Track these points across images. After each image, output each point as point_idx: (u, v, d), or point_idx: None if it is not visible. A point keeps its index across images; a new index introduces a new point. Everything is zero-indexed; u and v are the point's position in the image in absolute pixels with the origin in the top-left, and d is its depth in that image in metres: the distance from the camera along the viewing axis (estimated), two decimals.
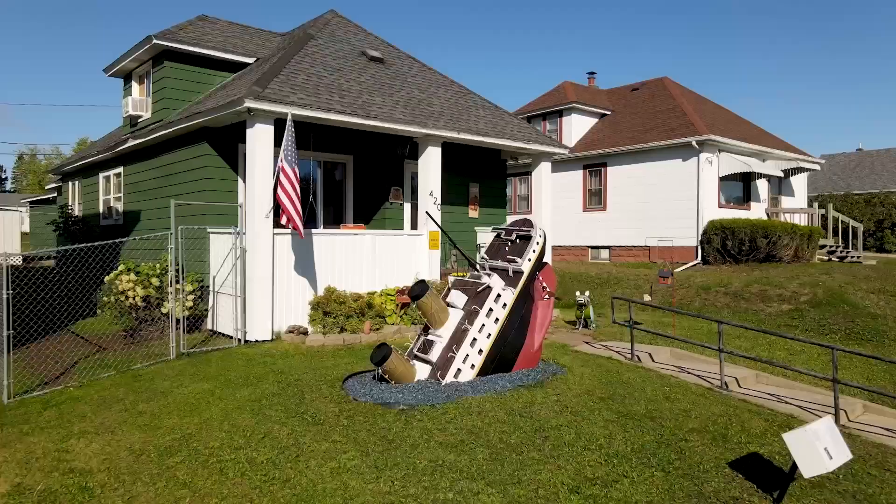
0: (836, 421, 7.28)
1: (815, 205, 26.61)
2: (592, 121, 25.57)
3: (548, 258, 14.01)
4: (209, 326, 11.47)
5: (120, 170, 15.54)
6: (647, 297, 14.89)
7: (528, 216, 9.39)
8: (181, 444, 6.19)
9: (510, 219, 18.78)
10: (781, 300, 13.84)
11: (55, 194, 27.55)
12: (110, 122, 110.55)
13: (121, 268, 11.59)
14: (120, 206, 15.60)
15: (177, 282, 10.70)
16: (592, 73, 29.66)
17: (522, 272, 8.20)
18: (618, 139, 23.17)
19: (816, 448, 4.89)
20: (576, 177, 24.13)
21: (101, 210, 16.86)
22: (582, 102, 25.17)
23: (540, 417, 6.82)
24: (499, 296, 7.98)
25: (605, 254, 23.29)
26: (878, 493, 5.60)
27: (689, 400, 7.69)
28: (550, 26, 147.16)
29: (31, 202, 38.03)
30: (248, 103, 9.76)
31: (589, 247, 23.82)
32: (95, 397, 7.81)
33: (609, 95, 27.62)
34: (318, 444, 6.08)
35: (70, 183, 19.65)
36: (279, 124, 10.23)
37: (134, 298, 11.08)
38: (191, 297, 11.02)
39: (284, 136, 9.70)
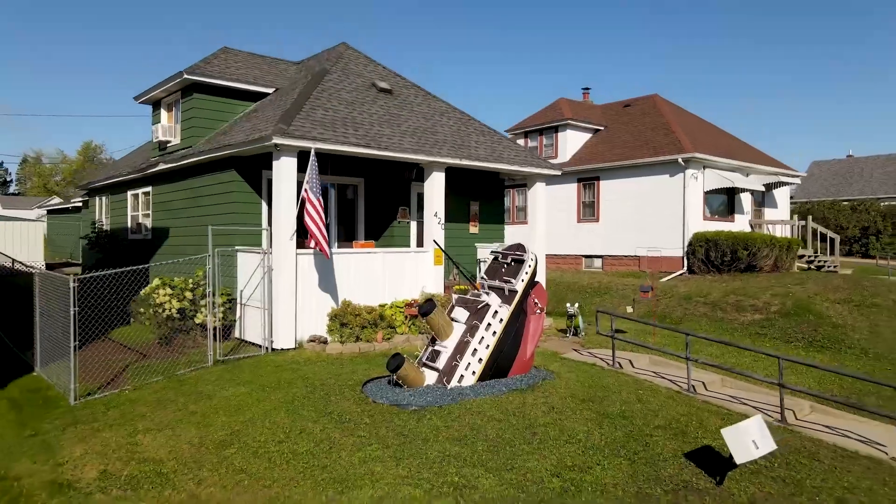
0: (783, 420, 8.51)
1: (796, 217, 27.75)
2: (586, 136, 26.81)
3: (541, 271, 15.26)
4: (237, 335, 12.69)
5: (149, 189, 16.77)
6: (629, 309, 16.11)
7: (521, 242, 10.57)
8: (232, 438, 7.43)
9: (508, 229, 20.03)
10: (754, 310, 15.08)
11: (78, 203, 28.83)
12: (116, 127, 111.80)
13: (156, 282, 12.84)
14: (148, 223, 16.83)
15: (215, 297, 11.97)
16: (587, 88, 30.98)
17: (517, 291, 9.43)
18: (610, 154, 24.41)
19: (746, 441, 6.12)
20: (571, 189, 25.36)
21: (129, 225, 18.09)
22: (576, 119, 26.41)
23: (530, 416, 8.05)
24: (496, 312, 9.22)
25: (598, 262, 24.53)
26: (805, 479, 6.82)
27: (658, 402, 8.92)
28: (548, 41, 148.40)
29: (49, 210, 39.31)
30: (276, 140, 10.99)
31: (583, 256, 25.06)
32: (150, 399, 9.04)
33: (603, 111, 28.87)
34: (346, 438, 7.31)
35: (98, 198, 20.90)
36: (301, 155, 11.47)
37: (170, 310, 12.31)
38: (222, 309, 12.25)
39: (308, 169, 10.94)
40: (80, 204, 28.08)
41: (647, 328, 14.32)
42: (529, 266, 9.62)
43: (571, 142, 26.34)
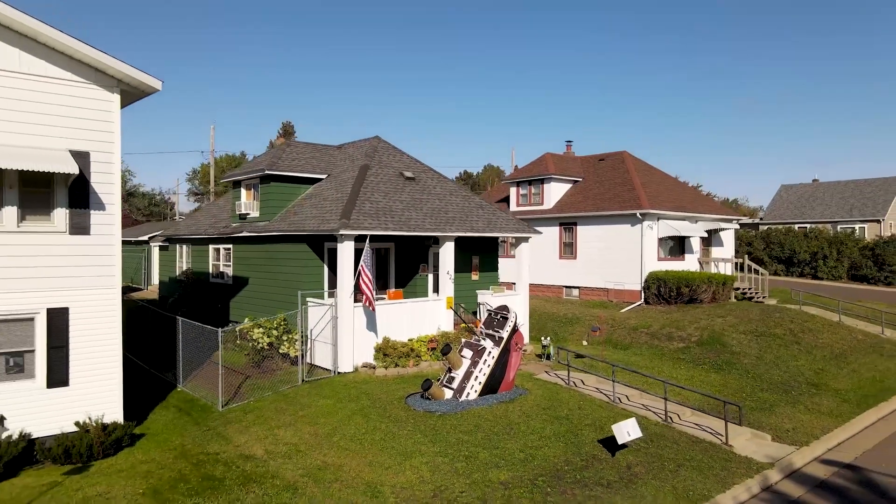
0: (667, 420, 13.34)
1: (733, 255, 32.29)
2: (567, 186, 31.68)
3: (525, 306, 20.05)
4: (308, 361, 17.51)
5: (230, 246, 21.66)
6: (584, 343, 20.92)
7: (507, 303, 15.41)
8: (333, 431, 12.26)
9: (501, 262, 24.78)
10: (680, 340, 19.93)
11: (143, 238, 33.78)
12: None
13: (248, 322, 17.72)
14: (229, 271, 21.71)
15: (288, 332, 16.86)
16: (570, 141, 35.96)
17: (503, 338, 14.29)
18: (585, 204, 29.29)
19: (623, 431, 10.96)
20: (554, 231, 30.20)
21: (210, 270, 22.97)
22: (558, 173, 31.31)
23: (509, 418, 12.89)
24: (490, 352, 14.08)
25: (576, 292, 29.37)
26: (663, 453, 11.65)
27: (591, 408, 13.77)
28: (535, 97, 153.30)
29: (159, 246, 43.88)
30: (341, 231, 15.86)
31: (564, 286, 29.90)
32: (270, 407, 13.87)
33: (582, 163, 33.76)
34: (400, 430, 12.15)
35: (178, 245, 25.80)
36: (357, 237, 16.34)
37: (262, 343, 17.17)
38: (298, 343, 17.09)
39: (364, 251, 15.79)
40: (146, 239, 33.05)
41: (598, 353, 19.16)
42: (511, 321, 14.48)
43: (555, 191, 31.21)
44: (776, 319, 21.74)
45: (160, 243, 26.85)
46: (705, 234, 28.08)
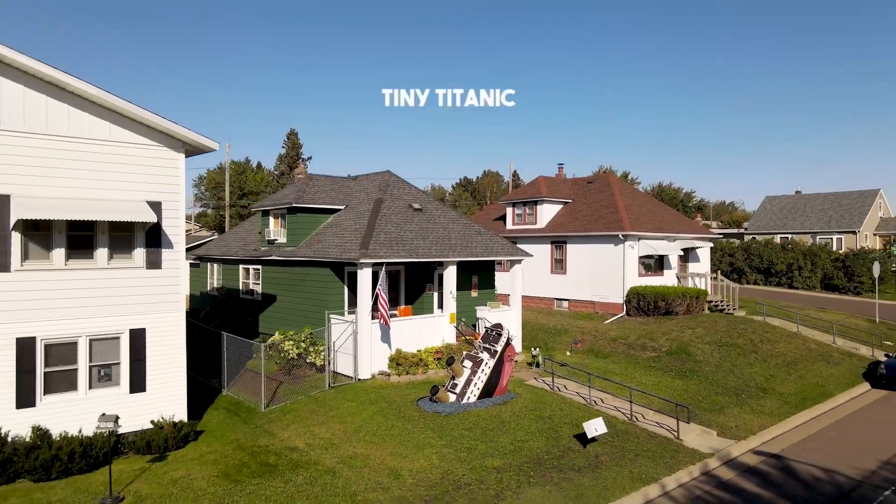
0: (632, 419, 15.95)
1: (708, 271, 34.80)
2: (558, 207, 34.33)
3: (518, 318, 22.64)
4: (331, 369, 20.13)
5: (259, 267, 24.30)
6: (568, 353, 23.53)
7: (501, 320, 18.03)
8: (359, 428, 14.88)
9: (497, 275, 27.36)
10: (652, 350, 22.56)
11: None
12: None
13: (278, 335, 20.34)
14: (258, 289, 24.34)
15: (314, 344, 19.51)
16: (561, 164, 38.62)
17: (497, 351, 16.91)
18: (574, 225, 31.93)
19: (592, 427, 13.60)
20: (546, 249, 32.83)
21: (240, 287, 25.61)
22: (550, 196, 33.96)
23: (502, 418, 15.51)
24: (486, 363, 16.70)
25: (565, 304, 32.00)
26: (625, 445, 14.26)
27: (571, 409, 16.38)
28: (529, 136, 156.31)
29: (191, 263, 46.35)
30: (361, 260, 18.50)
31: (555, 298, 32.53)
32: (304, 409, 16.48)
33: (572, 185, 36.42)
34: (414, 427, 14.77)
35: (210, 264, 28.44)
36: (374, 264, 18.98)
37: (292, 354, 19.78)
38: (323, 353, 19.70)
39: (381, 276, 18.42)
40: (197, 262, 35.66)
41: (581, 362, 21.78)
42: (504, 337, 17.11)
43: (547, 212, 33.85)
44: (740, 331, 24.36)
45: (191, 261, 29.45)
46: (682, 253, 30.71)
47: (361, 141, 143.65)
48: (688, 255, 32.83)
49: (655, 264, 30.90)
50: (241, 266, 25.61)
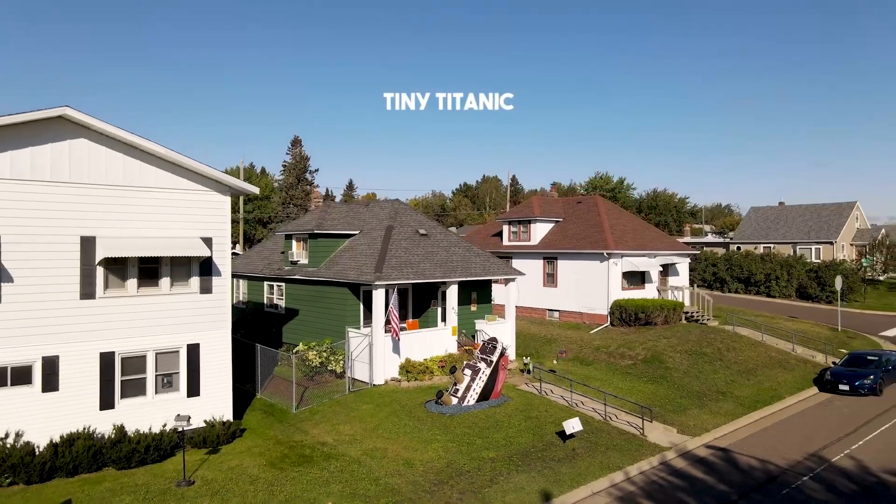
0: (605, 418, 18.62)
1: (686, 284, 37.40)
2: (550, 225, 37.04)
3: (512, 328, 25.32)
4: (349, 375, 22.81)
5: (282, 284, 27.00)
6: (555, 362, 26.21)
7: (497, 333, 20.72)
8: (377, 427, 17.55)
9: (495, 288, 30.04)
10: (629, 358, 25.23)
11: None
12: None
13: (302, 346, 23.03)
14: (282, 304, 27.03)
15: (334, 353, 22.20)
16: (554, 183, 41.37)
17: (493, 361, 19.60)
18: (564, 243, 34.64)
19: (570, 425, 16.28)
20: (539, 264, 35.53)
21: (265, 301, 28.31)
22: (543, 215, 36.68)
23: (496, 418, 18.18)
24: (483, 371, 19.39)
25: (556, 314, 34.68)
26: (598, 440, 16.92)
27: (555, 410, 19.04)
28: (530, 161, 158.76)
29: None
30: (375, 282, 21.20)
31: (547, 309, 35.22)
32: (329, 411, 19.14)
33: (563, 204, 39.13)
34: (422, 426, 17.44)
35: (235, 279, 31.12)
36: (387, 285, 21.67)
37: (315, 362, 22.45)
38: (342, 361, 22.36)
39: (393, 296, 21.12)
40: None
41: (566, 369, 24.48)
42: (499, 349, 19.81)
43: (539, 230, 36.57)
44: (710, 340, 27.04)
45: None
46: (661, 268, 33.42)
47: (362, 142, 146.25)
48: (668, 270, 35.52)
49: (638, 278, 33.59)
50: (265, 282, 28.29)
